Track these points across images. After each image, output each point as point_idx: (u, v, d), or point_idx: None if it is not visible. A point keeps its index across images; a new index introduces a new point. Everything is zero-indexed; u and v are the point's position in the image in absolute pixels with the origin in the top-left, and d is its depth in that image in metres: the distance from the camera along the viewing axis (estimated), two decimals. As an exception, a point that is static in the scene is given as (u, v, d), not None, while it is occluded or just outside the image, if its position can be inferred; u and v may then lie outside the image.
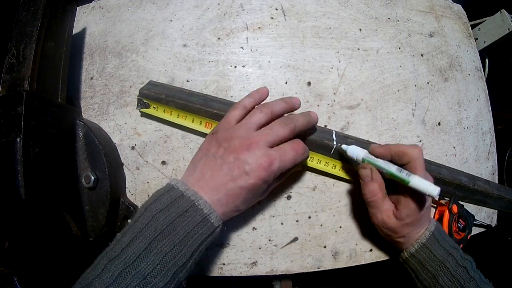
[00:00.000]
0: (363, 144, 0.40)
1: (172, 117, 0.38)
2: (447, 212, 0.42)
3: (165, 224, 0.26)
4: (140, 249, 0.25)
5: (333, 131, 0.40)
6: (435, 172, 0.42)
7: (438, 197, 0.30)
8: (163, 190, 0.29)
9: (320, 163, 0.39)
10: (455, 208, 0.42)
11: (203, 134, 0.39)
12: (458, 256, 0.34)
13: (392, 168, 0.33)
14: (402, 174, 0.32)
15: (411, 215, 0.34)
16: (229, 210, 0.29)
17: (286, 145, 0.31)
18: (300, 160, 0.32)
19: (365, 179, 0.35)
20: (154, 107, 0.38)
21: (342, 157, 0.39)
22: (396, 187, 0.36)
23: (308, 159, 0.38)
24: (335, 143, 0.38)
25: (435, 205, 0.45)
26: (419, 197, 0.33)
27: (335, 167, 0.39)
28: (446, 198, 0.45)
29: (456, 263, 0.34)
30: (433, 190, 0.30)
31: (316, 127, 0.38)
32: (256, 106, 0.34)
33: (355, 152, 0.36)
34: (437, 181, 0.43)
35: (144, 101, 0.38)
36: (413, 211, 0.34)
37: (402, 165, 0.34)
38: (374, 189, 0.34)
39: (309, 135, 0.37)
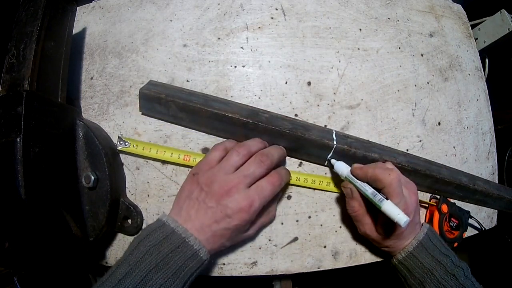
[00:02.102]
0: (363, 144, 0.40)
1: (151, 153, 0.39)
2: (436, 213, 0.42)
3: (159, 259, 0.28)
4: (136, 281, 0.27)
5: (333, 131, 0.40)
6: (435, 172, 0.42)
7: (405, 226, 0.31)
8: (155, 226, 0.31)
9: (314, 183, 0.40)
10: (445, 208, 0.42)
11: (203, 136, 0.40)
12: (448, 264, 0.35)
13: (368, 191, 0.35)
14: (376, 198, 0.34)
15: (388, 232, 0.35)
16: (216, 247, 0.32)
17: (263, 181, 0.33)
18: (279, 190, 0.35)
19: (346, 196, 0.38)
20: (134, 145, 0.39)
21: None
22: None
23: (303, 180, 0.40)
24: (335, 142, 0.38)
25: (426, 205, 0.44)
26: (392, 221, 0.33)
27: (329, 185, 0.41)
28: (436, 197, 0.45)
29: (445, 270, 0.34)
30: (400, 218, 0.31)
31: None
32: (234, 147, 0.35)
33: (340, 168, 0.38)
34: (437, 181, 0.43)
35: (124, 139, 0.39)
36: (389, 230, 0.35)
37: (378, 189, 0.35)
38: (355, 205, 0.37)
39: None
